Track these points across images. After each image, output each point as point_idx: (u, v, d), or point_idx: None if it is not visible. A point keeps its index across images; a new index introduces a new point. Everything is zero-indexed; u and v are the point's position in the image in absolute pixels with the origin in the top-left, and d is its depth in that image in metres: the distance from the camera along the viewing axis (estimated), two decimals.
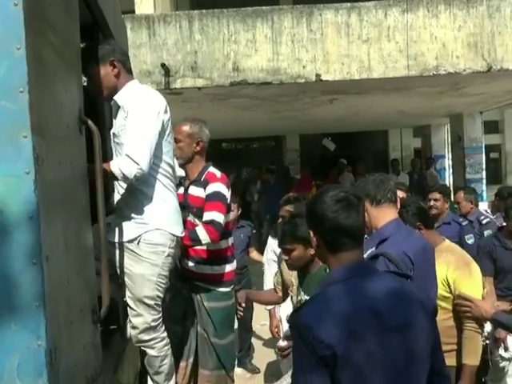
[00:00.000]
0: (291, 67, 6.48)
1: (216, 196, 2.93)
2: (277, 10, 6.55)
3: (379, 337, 1.52)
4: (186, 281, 3.14)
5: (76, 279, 1.88)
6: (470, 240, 4.67)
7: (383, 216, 2.41)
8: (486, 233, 4.70)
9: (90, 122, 2.13)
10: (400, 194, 4.42)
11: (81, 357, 1.87)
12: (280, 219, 3.56)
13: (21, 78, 1.48)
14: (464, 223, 4.86)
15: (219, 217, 2.86)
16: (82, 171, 2.07)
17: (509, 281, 3.97)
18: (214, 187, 2.96)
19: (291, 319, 1.62)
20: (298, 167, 13.98)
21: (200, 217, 2.94)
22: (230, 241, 3.09)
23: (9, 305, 1.47)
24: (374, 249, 2.37)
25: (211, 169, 3.10)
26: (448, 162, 12.23)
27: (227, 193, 3.01)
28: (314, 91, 7.32)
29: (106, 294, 2.16)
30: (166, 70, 6.53)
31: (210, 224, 2.84)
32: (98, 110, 2.99)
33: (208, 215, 2.87)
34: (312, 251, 2.58)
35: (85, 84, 2.44)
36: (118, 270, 2.51)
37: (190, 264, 3.09)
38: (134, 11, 8.88)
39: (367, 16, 6.44)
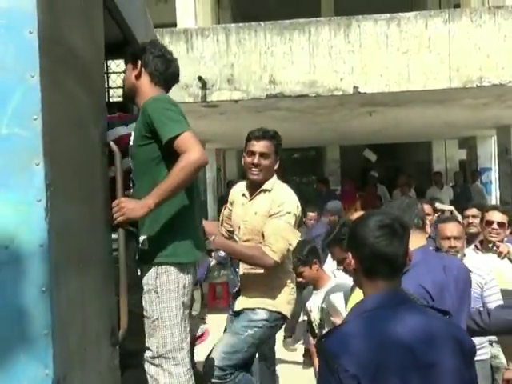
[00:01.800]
0: (328, 79, 6.40)
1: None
2: (314, 22, 6.50)
3: (407, 374, 1.46)
4: None
5: (92, 303, 1.87)
6: None
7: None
8: None
9: (111, 144, 2.14)
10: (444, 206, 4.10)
11: (96, 382, 1.86)
12: None
13: (34, 105, 1.49)
14: None
15: None
16: (104, 192, 2.07)
17: None
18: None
19: (318, 345, 1.57)
20: (338, 178, 13.80)
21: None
22: None
23: (18, 333, 1.47)
24: None
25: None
26: (495, 175, 11.77)
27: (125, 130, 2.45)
28: (353, 103, 7.21)
29: (125, 316, 2.15)
30: (203, 82, 6.58)
31: None
32: None
33: None
34: None
35: None
36: None
37: None
38: (175, 24, 9.05)
39: (407, 27, 6.29)
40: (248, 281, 2.92)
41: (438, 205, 5.27)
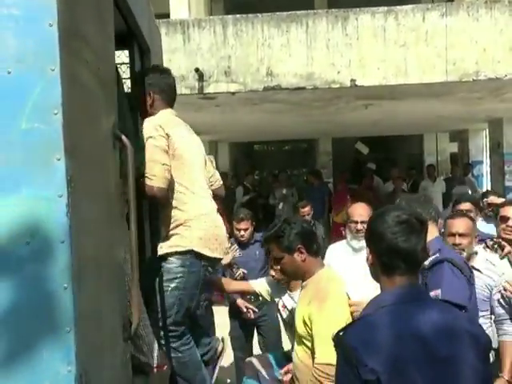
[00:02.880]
0: (325, 72, 6.38)
1: None
2: (311, 15, 6.47)
3: (424, 367, 1.48)
4: None
5: (107, 298, 1.86)
6: None
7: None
8: None
9: (123, 137, 2.11)
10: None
11: (110, 378, 1.85)
12: None
13: (55, 99, 1.46)
14: None
15: None
16: (116, 187, 2.05)
17: None
18: None
19: (336, 338, 1.58)
20: (331, 171, 13.83)
21: None
22: None
23: (40, 330, 1.45)
24: (437, 254, 2.40)
25: None
26: (486, 168, 11.88)
27: None
28: (349, 96, 7.20)
29: (137, 310, 2.13)
30: (200, 74, 6.53)
31: None
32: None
33: None
34: None
35: None
36: None
37: None
38: (168, 15, 8.97)
39: (404, 20, 6.29)
40: (161, 225, 2.86)
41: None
